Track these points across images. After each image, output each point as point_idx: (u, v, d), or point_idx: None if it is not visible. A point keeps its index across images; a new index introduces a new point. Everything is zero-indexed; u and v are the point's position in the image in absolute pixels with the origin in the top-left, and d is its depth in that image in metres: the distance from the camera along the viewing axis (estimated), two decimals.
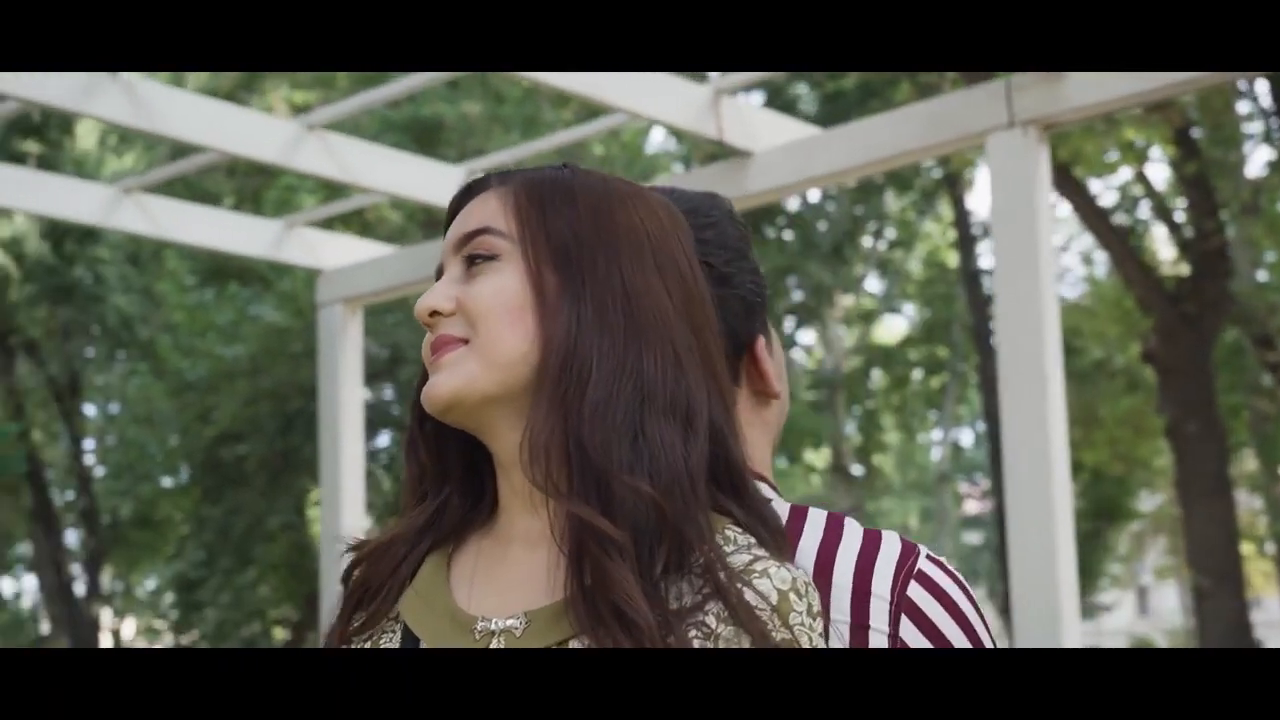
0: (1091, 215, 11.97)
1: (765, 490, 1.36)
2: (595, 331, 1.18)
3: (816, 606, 1.18)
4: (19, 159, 16.07)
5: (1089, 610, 29.17)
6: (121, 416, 18.66)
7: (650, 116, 4.21)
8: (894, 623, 1.26)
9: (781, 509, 1.34)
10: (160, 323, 16.26)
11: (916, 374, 22.27)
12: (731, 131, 4.26)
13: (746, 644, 1.12)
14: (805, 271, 19.55)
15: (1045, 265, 3.66)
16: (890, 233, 21.75)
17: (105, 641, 22.10)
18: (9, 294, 18.19)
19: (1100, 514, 21.33)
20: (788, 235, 19.24)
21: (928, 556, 1.32)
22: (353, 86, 13.24)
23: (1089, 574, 22.93)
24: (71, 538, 20.54)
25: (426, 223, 13.93)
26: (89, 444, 20.78)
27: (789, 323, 21.42)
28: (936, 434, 25.54)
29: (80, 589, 19.83)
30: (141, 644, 23.84)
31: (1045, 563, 3.48)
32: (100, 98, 4.04)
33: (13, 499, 20.30)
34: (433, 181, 4.87)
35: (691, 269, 1.26)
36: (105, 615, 22.40)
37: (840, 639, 1.26)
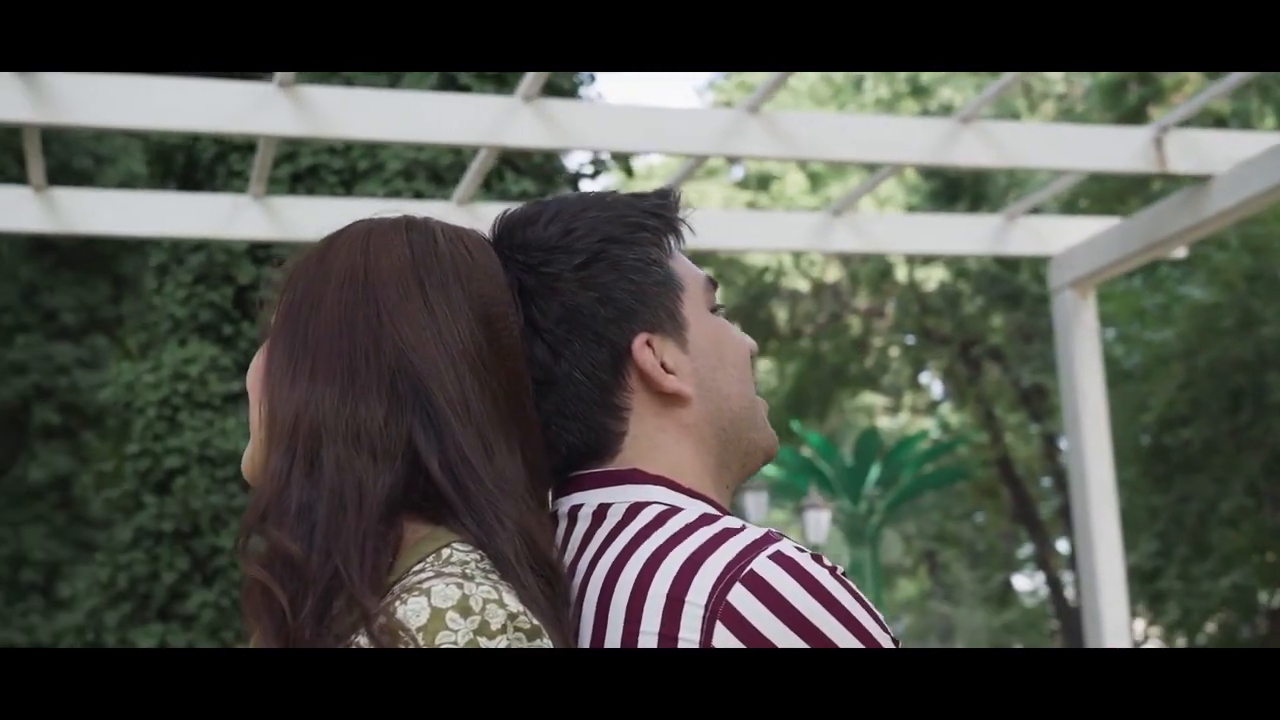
0: None
1: (659, 492, 1.29)
2: (286, 384, 1.23)
3: (499, 624, 1.09)
4: None
5: None
6: None
7: None
8: (706, 631, 1.14)
9: (649, 513, 1.26)
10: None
11: None
12: None
13: None
14: None
15: None
16: None
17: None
18: (962, 307, 19.16)
19: None
20: None
21: (772, 555, 1.16)
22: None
23: None
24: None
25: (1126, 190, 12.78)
26: (1063, 443, 21.22)
27: None
28: None
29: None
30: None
31: None
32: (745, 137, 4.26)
33: (993, 501, 21.26)
34: (1115, 148, 4.52)
35: (438, 298, 1.25)
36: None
37: None
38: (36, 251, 13.75)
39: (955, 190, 18.09)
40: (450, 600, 1.09)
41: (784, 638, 1.13)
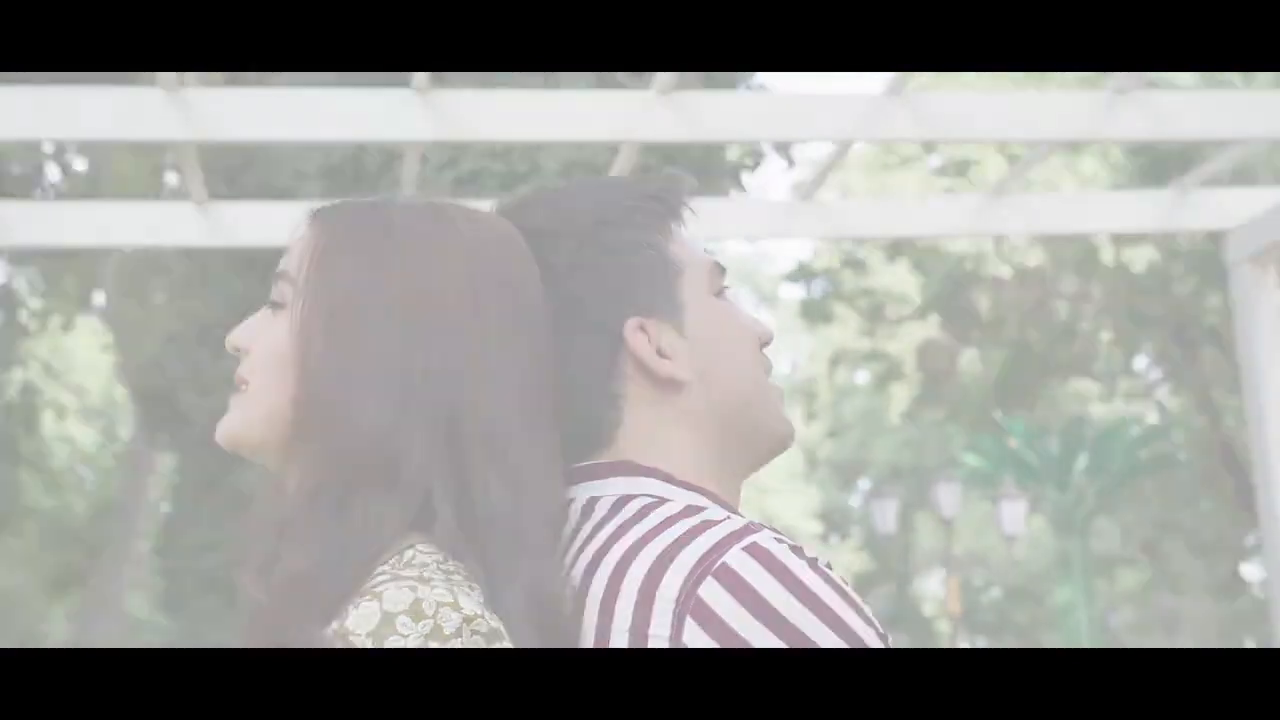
0: None
1: (650, 484, 1.24)
2: (335, 396, 1.18)
3: (452, 628, 1.06)
4: None
5: None
6: None
7: None
8: (676, 626, 1.10)
9: (634, 506, 1.22)
10: None
11: None
12: None
13: None
14: None
15: None
16: None
17: None
18: (1173, 288, 18.49)
19: None
20: None
21: (746, 547, 1.11)
22: None
23: None
24: None
25: None
26: None
27: None
28: None
29: None
30: None
31: None
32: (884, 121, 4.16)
33: (1216, 488, 20.41)
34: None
35: (495, 322, 1.21)
36: None
37: None
38: (245, 266, 14.27)
39: (1161, 168, 17.42)
40: (402, 604, 1.07)
41: (756, 633, 1.08)
